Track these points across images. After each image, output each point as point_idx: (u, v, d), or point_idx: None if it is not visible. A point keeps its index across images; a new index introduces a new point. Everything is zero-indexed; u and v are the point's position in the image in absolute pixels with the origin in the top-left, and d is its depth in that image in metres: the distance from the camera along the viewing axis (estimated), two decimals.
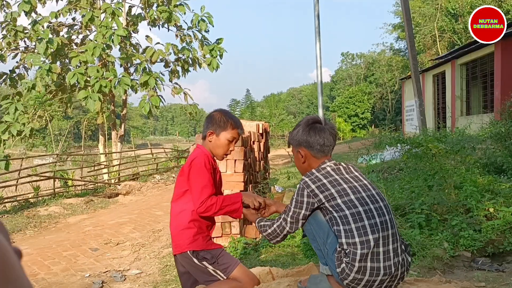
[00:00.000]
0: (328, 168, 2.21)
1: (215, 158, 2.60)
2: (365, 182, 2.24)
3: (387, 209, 2.17)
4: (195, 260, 2.44)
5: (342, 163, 2.31)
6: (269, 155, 9.57)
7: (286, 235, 2.25)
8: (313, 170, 2.22)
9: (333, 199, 2.09)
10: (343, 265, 2.03)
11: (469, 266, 3.92)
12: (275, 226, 2.24)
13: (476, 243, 4.06)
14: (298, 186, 2.20)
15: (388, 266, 2.05)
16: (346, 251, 2.04)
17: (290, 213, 2.18)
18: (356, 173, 2.28)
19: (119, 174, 15.66)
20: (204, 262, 2.44)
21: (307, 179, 2.17)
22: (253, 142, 6.65)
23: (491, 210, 4.44)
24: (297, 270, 2.37)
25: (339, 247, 2.07)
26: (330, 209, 2.10)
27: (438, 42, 30.84)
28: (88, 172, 15.05)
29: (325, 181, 2.14)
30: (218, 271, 2.45)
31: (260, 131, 7.36)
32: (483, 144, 6.86)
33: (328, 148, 2.30)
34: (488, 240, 4.09)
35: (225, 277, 2.44)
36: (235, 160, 5.22)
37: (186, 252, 2.45)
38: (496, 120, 8.57)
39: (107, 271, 5.21)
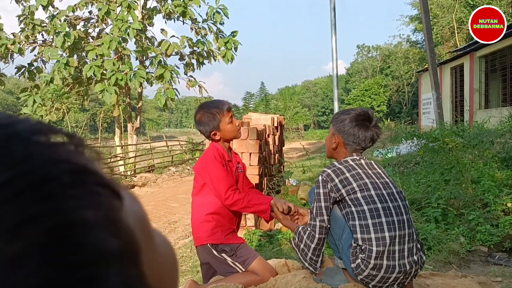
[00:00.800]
0: (351, 162, 2.21)
1: (233, 151, 2.68)
2: (387, 180, 2.23)
3: (406, 209, 2.16)
4: (214, 252, 2.50)
5: (365, 158, 2.31)
6: (283, 148, 9.58)
7: (324, 235, 2.20)
8: (336, 163, 2.23)
9: (353, 193, 2.09)
10: (358, 260, 2.04)
11: (485, 261, 3.89)
12: (317, 235, 2.18)
13: (493, 238, 4.02)
14: (319, 177, 2.19)
15: (403, 264, 2.05)
16: (362, 247, 2.04)
17: (324, 211, 2.16)
18: (379, 170, 2.27)
19: (135, 166, 15.84)
20: (223, 254, 2.49)
21: (330, 171, 2.17)
22: (268, 135, 6.66)
23: (509, 205, 4.39)
24: None
25: (354, 243, 2.07)
26: (349, 203, 2.11)
27: (456, 34, 30.30)
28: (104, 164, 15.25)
29: (348, 174, 2.14)
30: (236, 263, 2.50)
31: (275, 124, 7.37)
32: (502, 138, 6.76)
33: (362, 148, 2.31)
34: (506, 235, 4.05)
35: (243, 269, 2.48)
36: (250, 153, 5.25)
37: (206, 244, 2.51)
38: None
39: None
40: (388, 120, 44.59)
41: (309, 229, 2.20)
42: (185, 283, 2.64)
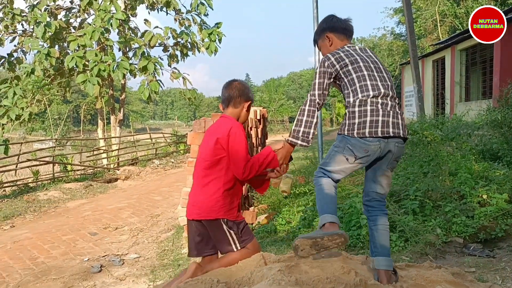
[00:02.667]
0: (346, 47, 2.66)
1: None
2: (375, 59, 2.68)
3: (390, 80, 2.60)
4: (224, 227, 2.62)
5: (360, 46, 2.78)
6: (267, 140, 9.61)
7: (318, 109, 2.61)
8: (334, 50, 2.66)
9: (345, 66, 2.55)
10: (346, 121, 2.48)
11: (460, 252, 3.99)
12: (306, 107, 2.56)
13: (468, 229, 4.12)
14: (321, 59, 2.66)
15: (386, 121, 2.42)
16: (350, 109, 2.49)
17: (316, 86, 2.58)
18: (370, 53, 2.72)
19: (118, 159, 15.71)
20: (231, 231, 2.64)
21: (329, 55, 2.63)
22: (251, 128, 6.66)
23: (485, 196, 4.49)
24: (288, 256, 2.42)
25: (346, 110, 2.55)
26: (343, 75, 2.57)
27: (439, 26, 30.57)
28: (87, 156, 15.10)
29: (342, 54, 2.60)
30: (237, 243, 2.66)
31: (258, 117, 7.37)
32: (479, 131, 6.89)
33: (349, 32, 2.79)
34: (481, 226, 4.15)
35: (239, 248, 2.65)
36: None
37: (219, 219, 2.60)
38: (494, 107, 8.58)
39: (105, 255, 5.29)
40: None
41: (307, 108, 2.57)
42: (190, 265, 2.67)
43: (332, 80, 2.63)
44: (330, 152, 2.62)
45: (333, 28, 2.75)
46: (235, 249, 2.66)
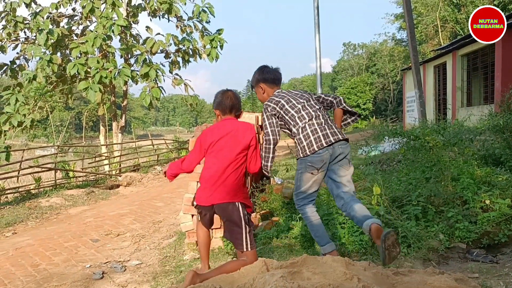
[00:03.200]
0: (277, 93, 3.46)
1: None
2: (302, 93, 3.49)
3: (317, 104, 3.47)
4: (241, 210, 3.12)
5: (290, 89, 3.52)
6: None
7: (275, 144, 3.35)
8: (269, 99, 3.43)
9: (283, 106, 3.35)
10: (298, 147, 3.28)
11: (464, 257, 3.97)
12: (264, 146, 3.35)
13: (471, 235, 4.10)
14: (263, 106, 3.42)
15: (323, 130, 3.27)
16: (296, 137, 3.30)
17: (268, 127, 3.35)
18: (296, 91, 3.50)
19: (120, 165, 15.72)
20: (246, 217, 3.13)
21: (268, 102, 3.41)
22: None
23: (487, 202, 4.47)
24: (291, 262, 2.41)
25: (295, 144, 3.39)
26: (283, 114, 3.36)
27: (440, 32, 30.65)
28: (89, 163, 15.12)
29: (277, 98, 3.39)
30: (248, 240, 3.08)
31: (260, 123, 7.38)
32: (482, 136, 6.87)
33: (278, 81, 3.57)
34: (484, 232, 4.13)
35: (249, 249, 3.04)
36: None
37: (240, 202, 3.14)
38: (495, 112, 8.57)
39: (107, 262, 5.28)
40: (374, 117, 45.03)
41: (265, 146, 3.37)
42: (187, 274, 2.79)
43: (277, 118, 3.38)
44: (297, 177, 3.34)
45: (265, 80, 3.50)
46: (243, 244, 3.04)
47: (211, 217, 3.33)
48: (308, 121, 3.26)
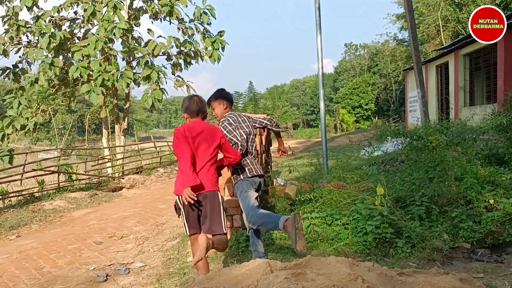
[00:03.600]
0: (232, 114, 4.18)
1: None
2: (248, 123, 4.23)
3: (255, 137, 4.29)
4: (220, 197, 3.61)
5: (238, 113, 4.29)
6: (271, 147, 9.59)
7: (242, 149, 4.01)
8: (226, 114, 4.15)
9: (236, 127, 4.08)
10: (243, 170, 4.05)
11: (468, 257, 3.95)
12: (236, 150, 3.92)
13: (475, 235, 4.09)
14: (222, 122, 4.08)
15: (255, 164, 4.14)
16: (241, 162, 4.05)
17: (234, 138, 4.00)
18: (244, 118, 4.25)
19: (123, 168, 15.74)
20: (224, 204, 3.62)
21: (227, 117, 4.12)
22: (254, 135, 6.66)
23: (491, 201, 4.46)
24: (294, 263, 2.40)
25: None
26: (233, 132, 4.04)
27: (442, 32, 30.61)
28: (92, 166, 15.14)
29: (233, 118, 4.14)
30: (224, 222, 3.59)
31: None
32: (485, 135, 6.85)
33: (232, 104, 4.31)
34: (488, 232, 4.12)
35: (224, 232, 3.56)
36: None
37: (218, 191, 3.62)
38: (498, 111, 8.55)
39: (111, 264, 5.28)
40: (376, 118, 44.97)
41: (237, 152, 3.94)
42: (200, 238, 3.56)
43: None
44: (241, 199, 4.01)
45: (228, 99, 4.21)
46: (219, 226, 3.57)
47: (198, 211, 3.59)
48: (249, 154, 4.14)
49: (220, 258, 4.72)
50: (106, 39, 13.28)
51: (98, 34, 13.45)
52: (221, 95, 4.21)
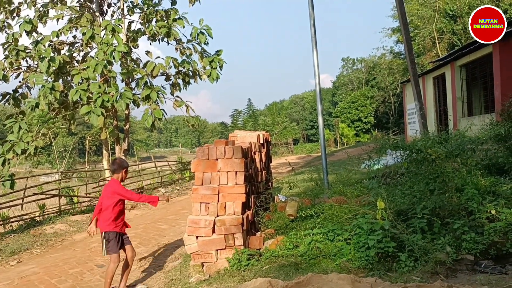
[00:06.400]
0: None
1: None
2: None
3: None
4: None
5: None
6: (272, 163, 9.58)
7: None
8: None
9: None
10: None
11: (472, 269, 3.92)
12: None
13: (478, 246, 4.06)
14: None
15: None
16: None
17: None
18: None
19: None
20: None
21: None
22: (254, 152, 6.68)
23: (493, 212, 4.43)
24: (296, 281, 2.39)
25: None
26: None
27: (437, 43, 30.85)
28: (93, 188, 15.11)
29: None
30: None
31: (261, 141, 7.40)
32: (484, 145, 6.86)
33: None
34: (491, 243, 4.09)
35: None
36: (236, 172, 5.25)
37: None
38: (497, 121, 8.56)
39: (113, 287, 5.23)
40: (376, 131, 45.02)
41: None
42: None
43: None
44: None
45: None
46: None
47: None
48: None
49: (222, 277, 4.68)
50: (105, 62, 13.39)
51: (97, 57, 13.57)
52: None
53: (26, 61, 15.16)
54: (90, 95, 13.62)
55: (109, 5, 16.73)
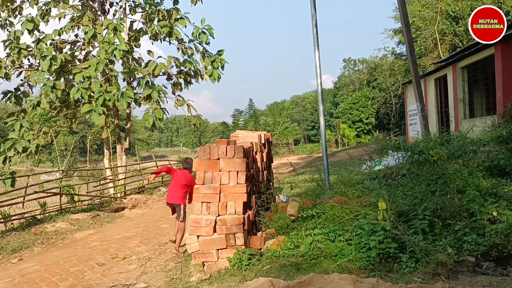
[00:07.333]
0: None
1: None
2: None
3: None
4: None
5: None
6: (274, 163, 9.58)
7: None
8: None
9: None
10: None
11: (473, 271, 3.91)
12: None
13: (480, 248, 4.05)
14: None
15: None
16: None
17: None
18: None
19: (124, 188, 15.71)
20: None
21: None
22: (256, 152, 6.68)
23: (495, 213, 4.43)
24: (297, 281, 2.39)
25: None
26: None
27: (439, 45, 30.82)
28: (94, 186, 15.12)
29: None
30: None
31: (263, 141, 7.40)
32: (485, 147, 6.85)
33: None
34: (492, 244, 4.08)
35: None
36: (238, 172, 5.25)
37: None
38: (498, 122, 8.55)
39: (114, 286, 5.24)
40: (377, 132, 45.00)
41: None
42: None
43: None
44: None
45: None
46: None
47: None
48: None
49: (223, 277, 4.68)
50: (107, 61, 13.41)
51: (99, 56, 13.59)
52: None
53: (28, 59, 15.19)
54: (92, 94, 13.64)
55: (111, 4, 16.76)
